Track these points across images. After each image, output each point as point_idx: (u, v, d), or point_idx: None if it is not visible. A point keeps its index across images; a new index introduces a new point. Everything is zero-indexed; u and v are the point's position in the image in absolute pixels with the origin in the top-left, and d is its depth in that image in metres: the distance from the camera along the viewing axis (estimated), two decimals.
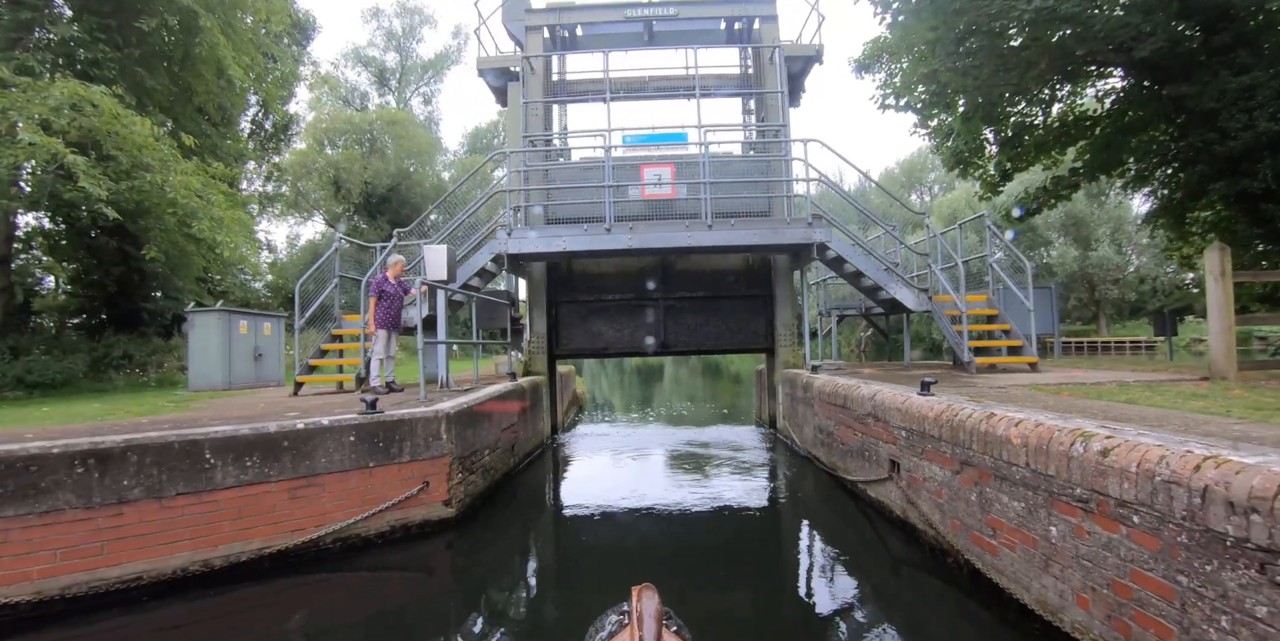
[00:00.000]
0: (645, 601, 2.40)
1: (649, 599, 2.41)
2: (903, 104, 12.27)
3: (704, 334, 11.78)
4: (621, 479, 8.40)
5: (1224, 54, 9.46)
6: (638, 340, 11.80)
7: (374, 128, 37.77)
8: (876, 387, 6.37)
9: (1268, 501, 2.30)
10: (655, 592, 2.45)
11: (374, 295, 8.42)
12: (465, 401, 6.82)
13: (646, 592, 2.45)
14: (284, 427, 5.37)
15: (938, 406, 4.84)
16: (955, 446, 4.47)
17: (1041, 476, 3.52)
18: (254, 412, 6.88)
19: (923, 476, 5.06)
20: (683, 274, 11.58)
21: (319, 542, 5.44)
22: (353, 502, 5.64)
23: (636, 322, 11.71)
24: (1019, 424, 3.81)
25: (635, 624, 2.36)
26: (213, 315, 11.69)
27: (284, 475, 5.33)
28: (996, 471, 3.97)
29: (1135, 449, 2.95)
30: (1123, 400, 5.24)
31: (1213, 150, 9.51)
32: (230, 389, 11.69)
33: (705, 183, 9.60)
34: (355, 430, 5.67)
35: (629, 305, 11.62)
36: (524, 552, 5.74)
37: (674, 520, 6.39)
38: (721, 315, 11.70)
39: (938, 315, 9.38)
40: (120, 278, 18.06)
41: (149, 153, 13.03)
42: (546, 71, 12.14)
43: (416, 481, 5.98)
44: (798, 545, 5.64)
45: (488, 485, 7.31)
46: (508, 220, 9.76)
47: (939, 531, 4.81)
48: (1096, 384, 6.79)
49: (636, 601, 2.42)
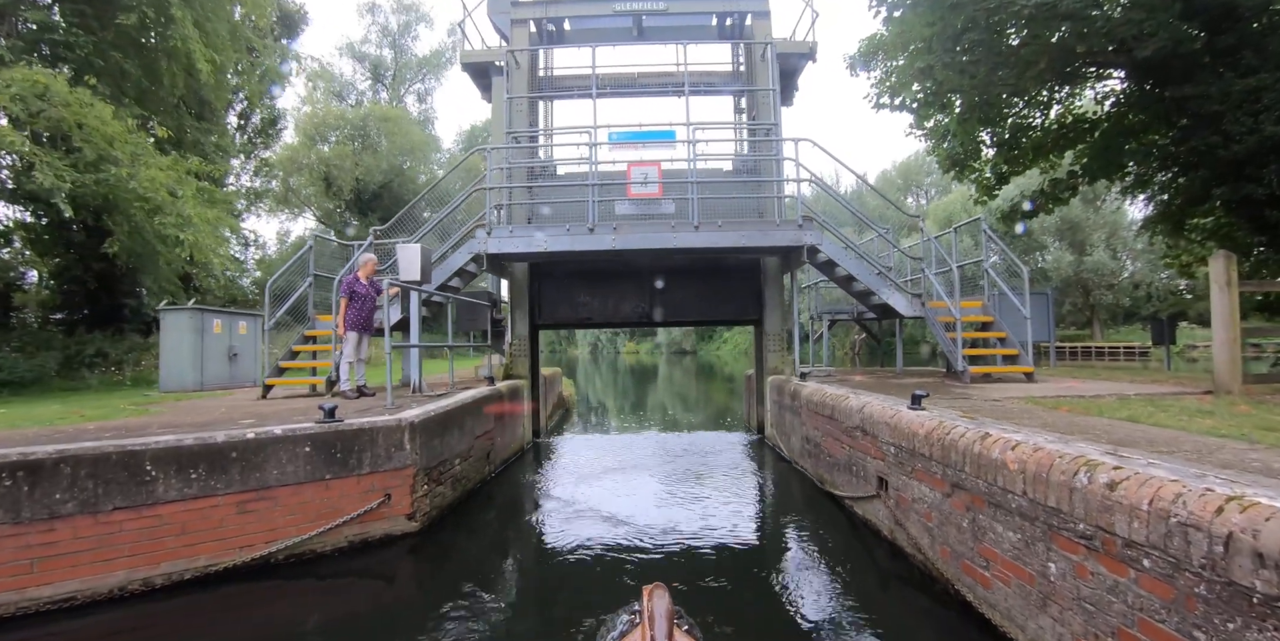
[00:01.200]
0: (656, 600, 2.37)
1: (660, 598, 2.38)
2: (897, 103, 11.97)
3: (692, 305, 11.44)
4: (601, 487, 8.06)
5: (1228, 55, 9.19)
6: (624, 310, 11.46)
7: (367, 124, 37.34)
8: (865, 399, 6.06)
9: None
10: (666, 592, 2.43)
11: (344, 296, 8.06)
12: (433, 409, 6.48)
13: (658, 592, 2.41)
14: (232, 438, 5.03)
15: (928, 423, 4.52)
16: (946, 467, 4.16)
17: (1040, 507, 3.21)
18: (213, 418, 6.54)
19: (912, 497, 4.74)
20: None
21: (270, 559, 5.11)
22: (307, 517, 5.30)
23: (622, 291, 11.35)
24: (1016, 447, 3.50)
25: (646, 623, 2.33)
26: (184, 314, 11.33)
27: (232, 488, 5.00)
28: (991, 497, 3.66)
29: (1147, 483, 2.64)
30: (1124, 417, 4.93)
31: (1216, 154, 9.23)
32: (203, 390, 11.33)
33: (692, 182, 9.28)
34: (310, 440, 5.33)
35: (615, 274, 11.23)
36: (492, 568, 5.40)
37: (653, 533, 6.07)
38: (711, 285, 11.35)
39: (931, 321, 9.08)
40: (101, 273, 17.65)
41: (119, 146, 12.67)
42: (532, 66, 11.79)
43: (377, 494, 5.65)
44: (781, 565, 5.30)
45: (458, 495, 6.98)
46: (488, 219, 9.43)
47: (928, 556, 4.49)
48: (1095, 397, 6.49)
49: (648, 600, 2.39)
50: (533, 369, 11.26)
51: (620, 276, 11.20)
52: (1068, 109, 12.52)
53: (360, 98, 45.09)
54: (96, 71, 13.90)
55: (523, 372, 10.91)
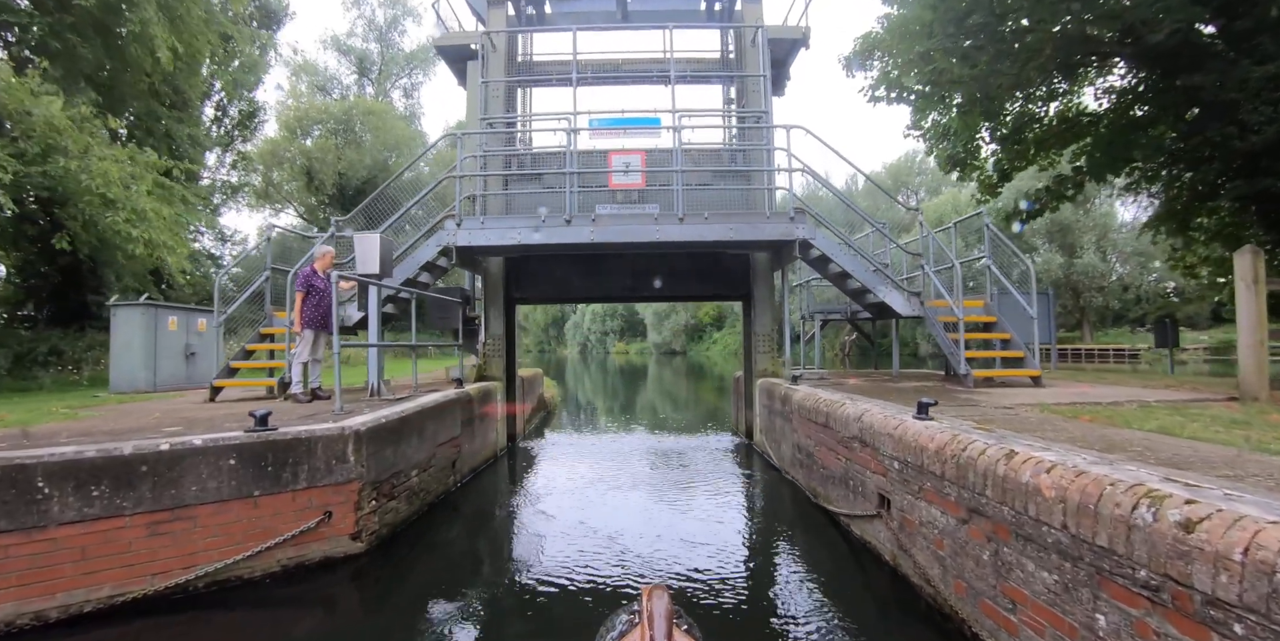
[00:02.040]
0: (656, 601, 2.34)
1: (659, 598, 2.35)
2: (894, 96, 11.39)
3: (679, 284, 10.92)
4: (578, 498, 7.45)
5: (1245, 41, 8.66)
6: (607, 285, 10.93)
7: (351, 117, 36.56)
8: (864, 406, 5.47)
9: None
10: (666, 592, 2.39)
11: (301, 290, 7.42)
12: (386, 415, 5.85)
13: (657, 592, 2.38)
14: (142, 449, 4.38)
15: (939, 436, 3.94)
16: (962, 489, 3.57)
17: (1085, 545, 2.63)
18: (141, 424, 5.89)
19: (919, 519, 4.16)
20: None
21: (189, 587, 4.47)
22: (232, 539, 4.66)
23: (607, 269, 10.76)
24: (1052, 470, 2.91)
25: (646, 622, 2.31)
26: (136, 310, 10.63)
27: (142, 507, 4.36)
28: (1019, 528, 3.07)
29: (1236, 524, 2.06)
30: (1155, 428, 4.37)
31: (1231, 146, 8.70)
32: (156, 391, 10.64)
33: (678, 171, 8.68)
34: (237, 451, 4.69)
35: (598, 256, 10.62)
36: (451, 592, 4.78)
37: (630, 554, 5.48)
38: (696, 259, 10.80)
39: (931, 322, 8.51)
40: (66, 269, 16.91)
41: (70, 136, 11.95)
42: (510, 50, 11.15)
43: (315, 512, 5.01)
44: (770, 592, 4.72)
45: (415, 510, 6.34)
46: (458, 209, 8.79)
47: (938, 590, 3.91)
48: (1113, 404, 5.93)
49: (647, 601, 2.37)
50: (508, 369, 10.62)
51: (604, 257, 10.62)
52: (1066, 106, 12.00)
53: (345, 92, 44.23)
54: (51, 55, 13.19)
55: (497, 374, 10.28)
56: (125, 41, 14.73)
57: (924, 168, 63.55)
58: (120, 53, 15.01)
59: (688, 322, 73.94)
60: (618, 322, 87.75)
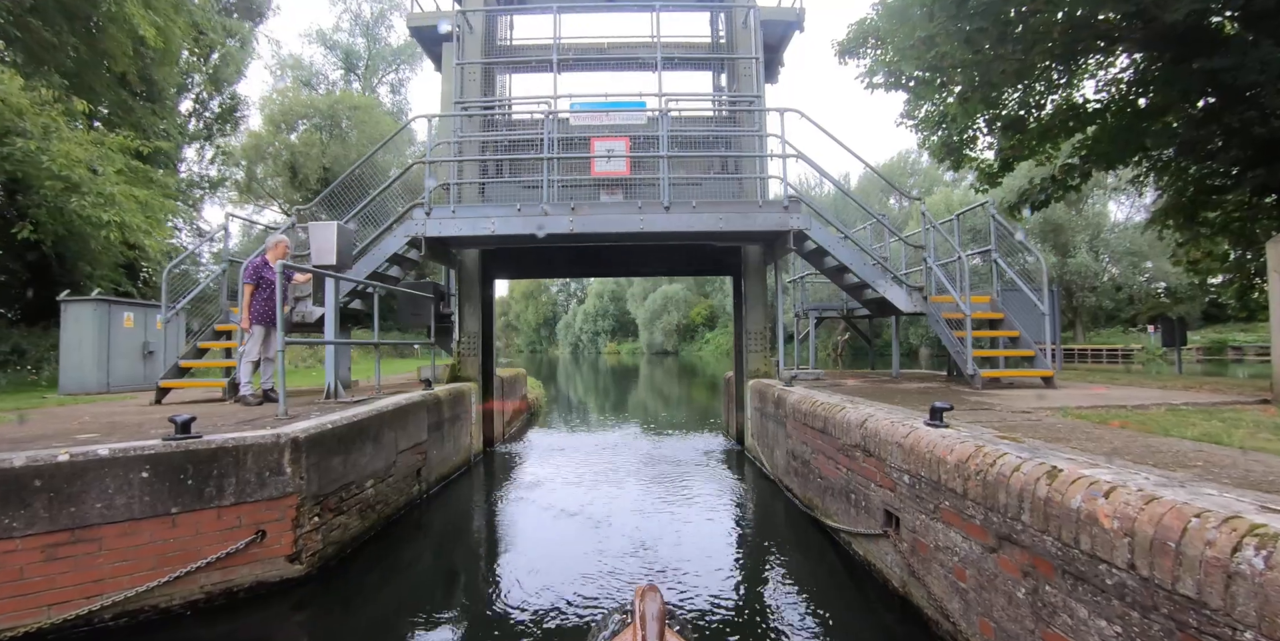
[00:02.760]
0: (648, 601, 2.32)
1: (652, 599, 2.32)
2: (892, 82, 10.85)
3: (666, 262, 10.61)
4: (555, 509, 6.87)
5: (1266, 21, 8.16)
6: (586, 259, 10.53)
7: (336, 112, 35.85)
8: (868, 411, 4.91)
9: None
10: (659, 593, 2.38)
11: (250, 283, 6.81)
12: (334, 420, 5.24)
13: (650, 593, 2.37)
14: (37, 462, 3.78)
15: (960, 447, 3.38)
16: (991, 511, 3.01)
17: (1162, 592, 2.07)
18: (62, 429, 5.29)
19: (935, 543, 3.60)
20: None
21: (93, 619, 3.88)
22: (146, 563, 4.06)
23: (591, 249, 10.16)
24: (1111, 494, 2.35)
25: (638, 623, 2.28)
26: (87, 305, 10.01)
27: (35, 528, 3.76)
28: (1068, 564, 2.51)
29: None
30: (1199, 436, 3.84)
31: (1251, 132, 8.20)
32: (108, 392, 10.01)
33: (664, 157, 8.11)
34: (150, 463, 4.08)
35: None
36: (409, 620, 4.21)
37: (610, 569, 4.94)
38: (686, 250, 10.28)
39: (934, 319, 7.97)
40: (35, 265, 16.23)
41: (30, 118, 11.34)
42: (489, 32, 10.55)
43: (246, 530, 4.41)
44: (763, 618, 4.16)
45: (370, 527, 5.74)
46: (426, 197, 8.20)
47: (959, 627, 3.35)
48: (1139, 407, 5.40)
49: (639, 601, 2.35)
50: (485, 369, 10.01)
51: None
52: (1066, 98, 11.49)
53: (331, 87, 43.48)
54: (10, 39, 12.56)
55: (472, 374, 9.68)
56: (100, 26, 14.10)
57: (916, 168, 63.35)
58: (91, 38, 14.37)
59: (680, 323, 73.49)
60: (609, 322, 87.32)
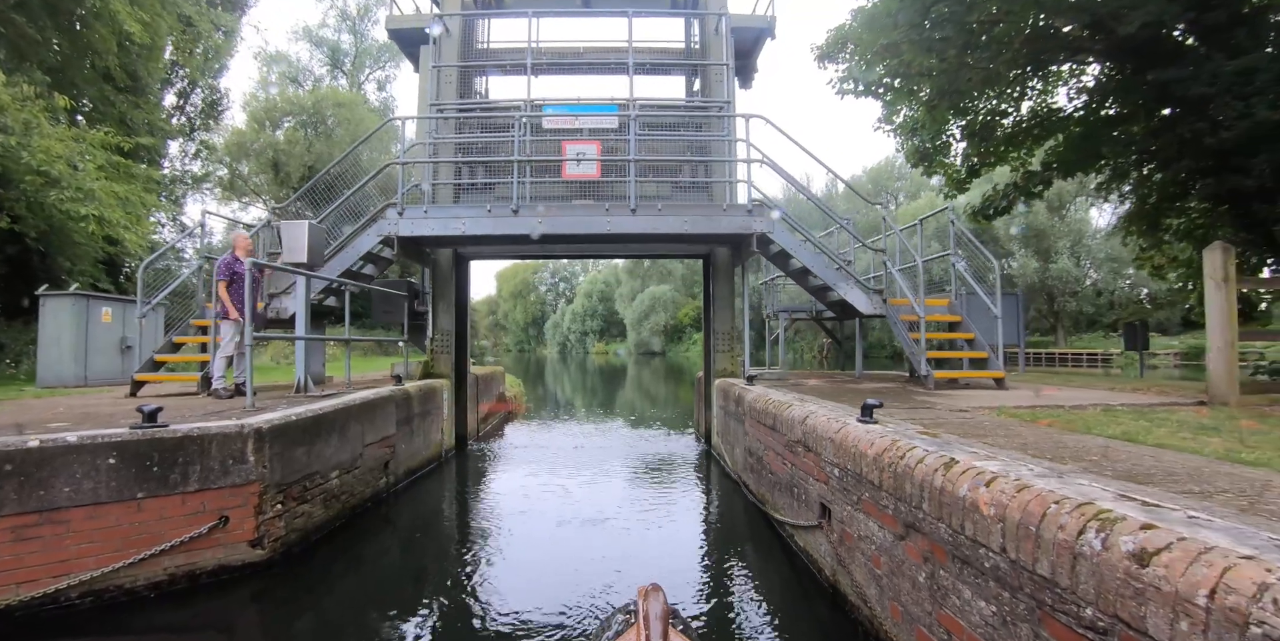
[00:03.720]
0: (651, 601, 2.33)
1: (655, 599, 2.34)
2: (862, 89, 11.08)
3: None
4: (522, 504, 7.02)
5: (1217, 35, 8.43)
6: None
7: (322, 109, 35.78)
8: (810, 408, 5.09)
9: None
10: (661, 592, 2.39)
11: (223, 279, 6.94)
12: (299, 412, 5.38)
13: (653, 593, 2.37)
14: (7, 447, 3.94)
15: (879, 441, 3.56)
16: (900, 501, 3.20)
17: (1027, 573, 2.25)
18: (35, 418, 5.41)
19: (858, 533, 3.78)
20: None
21: (60, 597, 4.02)
22: (111, 545, 4.21)
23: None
24: (991, 482, 2.54)
25: (641, 623, 2.30)
26: (66, 300, 10.09)
27: (5, 509, 3.94)
28: (956, 549, 2.70)
29: (1201, 558, 1.69)
30: (1118, 435, 4.04)
31: (1202, 143, 8.46)
32: (86, 385, 10.10)
33: (631, 161, 8.28)
34: (117, 450, 4.23)
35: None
36: (368, 606, 4.34)
37: (569, 561, 5.11)
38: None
39: (893, 320, 8.18)
40: (13, 258, 16.20)
41: (11, 114, 11.40)
42: (466, 35, 10.67)
43: (209, 516, 4.56)
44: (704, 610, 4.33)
45: (334, 516, 5.87)
46: (400, 198, 8.33)
47: (874, 612, 3.53)
48: (1077, 408, 5.61)
49: (642, 601, 2.35)
50: (459, 366, 10.15)
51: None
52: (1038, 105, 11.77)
53: (317, 84, 43.37)
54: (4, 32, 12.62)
55: (445, 371, 9.81)
56: (85, 21, 14.16)
57: (904, 172, 63.85)
58: (74, 33, 14.42)
59: (668, 323, 73.71)
60: (598, 322, 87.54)
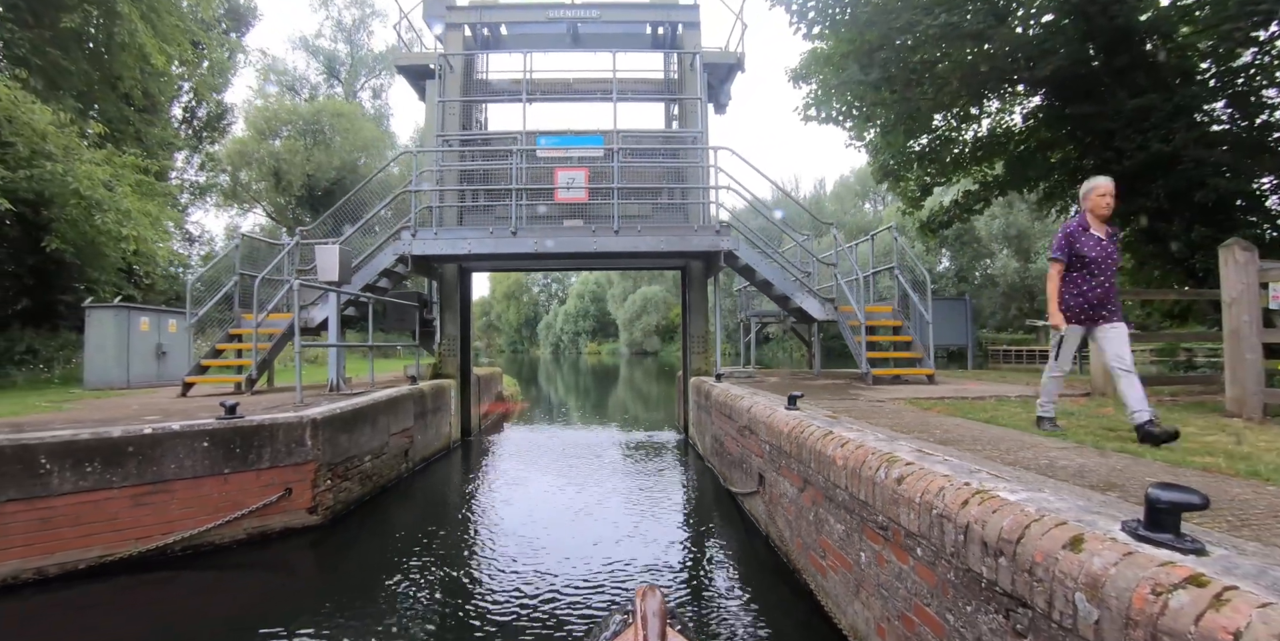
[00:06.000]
0: (649, 601, 2.43)
1: (652, 599, 2.44)
2: (823, 116, 12.37)
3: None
4: (520, 483, 8.24)
5: (1123, 75, 9.72)
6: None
7: (319, 118, 36.85)
8: (756, 399, 6.36)
9: (1012, 544, 2.28)
10: (659, 592, 2.50)
11: None
12: (341, 406, 6.62)
13: (650, 593, 2.48)
14: (129, 432, 5.15)
15: (791, 422, 4.82)
16: (801, 464, 4.46)
17: (856, 500, 3.51)
18: (122, 413, 6.61)
19: (779, 492, 5.04)
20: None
21: (167, 550, 5.24)
22: (205, 510, 5.45)
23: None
24: (845, 444, 3.80)
25: (639, 623, 2.39)
26: (109, 311, 11.24)
27: (128, 481, 5.13)
28: (827, 491, 3.96)
29: (924, 478, 2.94)
30: (984, 418, 5.30)
31: (1110, 169, 9.76)
32: (129, 387, 11.26)
33: (615, 187, 9.54)
34: (209, 435, 5.47)
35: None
36: (397, 562, 5.54)
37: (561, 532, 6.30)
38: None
39: (841, 325, 9.46)
40: (36, 268, 17.29)
41: (53, 140, 12.52)
42: (467, 70, 11.93)
43: (277, 488, 5.80)
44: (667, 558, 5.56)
45: (368, 491, 7.12)
46: (412, 221, 9.56)
47: (788, 548, 4.79)
48: (978, 399, 6.87)
49: (640, 601, 2.45)
50: (464, 368, 11.40)
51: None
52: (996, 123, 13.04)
53: (314, 92, 44.46)
54: (31, 68, 13.72)
55: (452, 372, 11.05)
56: (111, 51, 15.29)
57: None
58: (101, 62, 15.56)
59: (660, 323, 74.90)
60: (590, 323, 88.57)
